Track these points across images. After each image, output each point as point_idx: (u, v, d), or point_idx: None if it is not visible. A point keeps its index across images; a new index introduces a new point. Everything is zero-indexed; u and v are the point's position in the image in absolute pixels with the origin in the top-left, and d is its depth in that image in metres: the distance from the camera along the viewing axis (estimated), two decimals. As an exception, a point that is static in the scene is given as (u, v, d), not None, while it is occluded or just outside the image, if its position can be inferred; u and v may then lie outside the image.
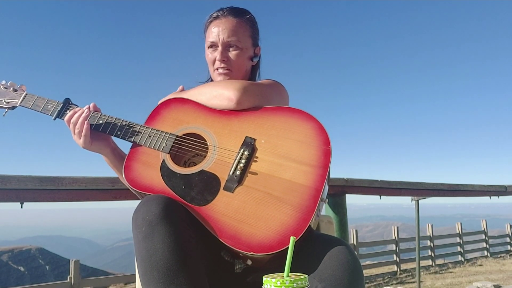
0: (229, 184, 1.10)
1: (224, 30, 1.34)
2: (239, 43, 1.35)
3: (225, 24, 1.34)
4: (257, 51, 1.44)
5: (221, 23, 1.35)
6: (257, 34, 1.43)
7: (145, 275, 0.95)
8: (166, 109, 1.29)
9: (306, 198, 1.05)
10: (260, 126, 1.19)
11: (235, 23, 1.35)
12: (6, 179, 1.86)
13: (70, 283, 7.06)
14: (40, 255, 32.19)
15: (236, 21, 1.36)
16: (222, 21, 1.35)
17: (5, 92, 1.36)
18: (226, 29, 1.34)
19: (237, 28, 1.35)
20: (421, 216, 5.00)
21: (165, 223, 0.96)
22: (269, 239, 1.00)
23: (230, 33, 1.34)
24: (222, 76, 1.36)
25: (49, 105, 1.30)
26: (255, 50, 1.43)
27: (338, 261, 0.96)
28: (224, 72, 1.36)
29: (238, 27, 1.35)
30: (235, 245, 1.01)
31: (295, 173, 1.09)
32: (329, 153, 1.10)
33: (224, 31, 1.34)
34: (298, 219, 1.02)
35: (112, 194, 2.17)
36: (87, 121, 1.24)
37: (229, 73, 1.36)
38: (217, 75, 1.38)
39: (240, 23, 1.36)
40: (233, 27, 1.34)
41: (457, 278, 8.92)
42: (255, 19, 1.42)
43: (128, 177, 1.17)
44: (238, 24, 1.35)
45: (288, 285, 0.70)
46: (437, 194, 3.95)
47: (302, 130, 1.15)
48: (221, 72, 1.36)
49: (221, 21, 1.35)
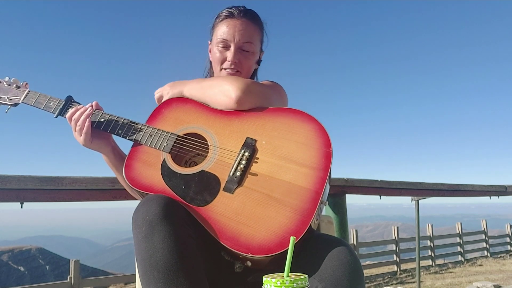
0: (229, 185, 1.10)
1: (240, 31, 1.33)
2: (252, 47, 1.35)
3: (242, 26, 1.33)
4: (261, 55, 1.45)
5: (238, 24, 1.33)
6: (263, 39, 1.44)
7: (145, 274, 0.95)
8: (168, 109, 1.29)
9: (306, 200, 1.04)
10: (261, 127, 1.18)
11: (251, 27, 1.35)
12: (6, 179, 1.86)
13: (70, 283, 7.06)
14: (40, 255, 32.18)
15: (252, 25, 1.35)
16: (238, 22, 1.34)
17: (8, 89, 1.35)
18: (243, 31, 1.33)
19: (252, 31, 1.35)
20: (421, 216, 5.00)
21: (165, 223, 0.96)
22: (269, 241, 0.99)
23: (246, 36, 1.33)
24: None
25: (51, 102, 1.30)
26: (260, 55, 1.45)
27: (339, 261, 0.96)
28: (233, 73, 1.35)
29: (253, 31, 1.35)
30: (234, 247, 1.00)
31: (295, 175, 1.08)
32: (330, 156, 1.10)
33: (241, 32, 1.33)
34: (297, 222, 1.01)
35: (112, 194, 2.17)
36: (88, 119, 1.24)
37: (238, 75, 1.35)
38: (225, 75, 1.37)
39: (255, 27, 1.36)
40: (250, 31, 1.34)
41: (457, 278, 8.92)
42: (263, 24, 1.42)
43: (128, 176, 1.17)
44: (253, 28, 1.36)
45: (288, 285, 0.70)
46: (437, 194, 3.95)
47: (303, 131, 1.15)
48: (229, 73, 1.35)
49: (237, 22, 1.34)
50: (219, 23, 1.37)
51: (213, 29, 1.40)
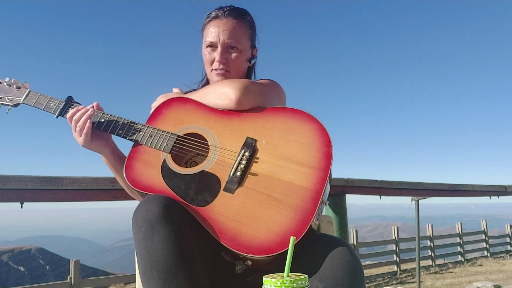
0: (229, 185, 1.10)
1: (224, 31, 1.33)
2: (239, 45, 1.34)
3: (226, 25, 1.33)
4: (254, 52, 1.44)
5: (222, 24, 1.34)
6: (255, 35, 1.43)
7: (145, 274, 0.95)
8: (168, 109, 1.29)
9: (307, 200, 1.04)
10: (261, 126, 1.18)
11: (235, 24, 1.34)
12: (6, 179, 1.86)
13: (70, 283, 7.06)
14: (40, 255, 32.17)
15: (237, 23, 1.35)
16: (222, 22, 1.34)
17: (8, 89, 1.35)
18: (227, 30, 1.33)
19: (237, 29, 1.34)
20: (421, 216, 5.00)
21: (165, 223, 0.96)
22: (269, 241, 1.00)
23: (230, 34, 1.33)
24: (220, 76, 1.36)
25: (52, 103, 1.31)
26: (253, 52, 1.43)
27: (339, 261, 0.96)
28: (222, 73, 1.36)
29: (239, 28, 1.35)
30: (235, 247, 1.00)
31: (295, 175, 1.08)
32: (330, 155, 1.10)
33: (225, 32, 1.33)
34: (298, 222, 1.01)
35: (112, 194, 2.17)
36: (89, 120, 1.24)
37: (227, 74, 1.36)
38: (215, 76, 1.37)
39: (241, 25, 1.35)
40: (233, 29, 1.33)
41: (457, 278, 8.92)
42: (254, 21, 1.42)
43: (128, 177, 1.17)
44: (239, 26, 1.35)
45: (288, 285, 0.70)
46: (437, 194, 3.95)
47: (303, 131, 1.15)
48: (219, 73, 1.36)
49: (221, 22, 1.34)
50: (206, 26, 1.38)
51: (202, 31, 1.41)
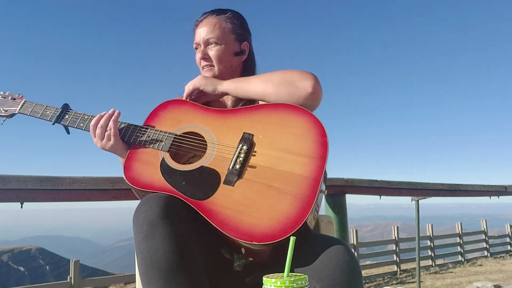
0: (229, 177, 1.11)
1: (203, 29, 1.37)
2: (218, 39, 1.36)
3: (204, 24, 1.38)
4: (243, 46, 1.42)
5: (202, 25, 1.38)
6: (242, 29, 1.41)
7: (146, 274, 0.95)
8: (164, 111, 1.30)
9: (306, 188, 1.06)
10: (257, 122, 1.20)
11: (213, 20, 1.38)
12: (6, 179, 1.86)
13: (70, 283, 7.07)
14: (40, 255, 32.20)
15: (214, 18, 1.38)
16: (203, 23, 1.39)
17: (3, 101, 1.38)
18: (205, 27, 1.37)
19: (215, 25, 1.37)
20: (421, 216, 5.00)
21: (166, 222, 0.96)
22: (271, 229, 1.00)
23: (208, 30, 1.36)
24: (207, 73, 1.38)
25: (48, 111, 1.32)
26: (241, 46, 1.41)
27: (337, 261, 0.96)
28: (208, 68, 1.38)
29: (216, 23, 1.37)
30: (238, 236, 1.00)
31: (293, 164, 1.10)
32: (326, 144, 1.12)
33: (204, 30, 1.37)
34: (298, 209, 1.02)
35: (112, 194, 2.17)
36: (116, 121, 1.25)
37: (213, 68, 1.38)
38: (204, 73, 1.39)
39: (219, 20, 1.38)
40: (210, 25, 1.37)
41: (457, 278, 8.92)
42: (238, 16, 1.42)
43: (128, 177, 1.17)
44: (216, 21, 1.38)
45: (288, 285, 0.70)
46: (437, 194, 3.96)
47: (299, 124, 1.17)
48: (205, 70, 1.39)
49: (202, 23, 1.39)
50: (193, 32, 1.42)
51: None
